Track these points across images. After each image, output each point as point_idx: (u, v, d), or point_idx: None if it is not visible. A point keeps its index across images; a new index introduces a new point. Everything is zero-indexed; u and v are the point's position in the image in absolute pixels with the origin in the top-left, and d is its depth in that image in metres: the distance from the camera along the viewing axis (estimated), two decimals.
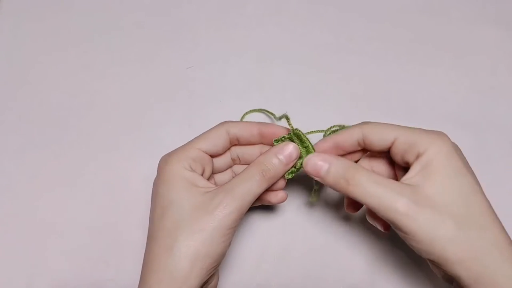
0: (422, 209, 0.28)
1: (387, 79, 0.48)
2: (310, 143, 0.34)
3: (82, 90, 0.47)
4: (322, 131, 0.40)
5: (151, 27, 0.50)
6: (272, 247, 0.41)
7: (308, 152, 0.34)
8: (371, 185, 0.30)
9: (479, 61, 0.48)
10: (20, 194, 0.43)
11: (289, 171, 0.34)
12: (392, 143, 0.32)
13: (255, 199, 0.32)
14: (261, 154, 0.34)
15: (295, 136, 0.34)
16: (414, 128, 0.32)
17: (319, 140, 0.35)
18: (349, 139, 0.33)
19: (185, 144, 0.34)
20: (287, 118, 0.36)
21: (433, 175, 0.29)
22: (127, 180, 0.43)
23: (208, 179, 0.36)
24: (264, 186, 0.32)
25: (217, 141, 0.34)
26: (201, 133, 0.35)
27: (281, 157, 0.33)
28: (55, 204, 0.42)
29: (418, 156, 0.30)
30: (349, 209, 0.37)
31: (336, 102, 0.47)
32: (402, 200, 0.28)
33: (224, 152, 0.36)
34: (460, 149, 0.32)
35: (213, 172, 0.37)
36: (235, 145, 0.37)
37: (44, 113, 0.46)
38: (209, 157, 0.35)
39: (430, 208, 0.28)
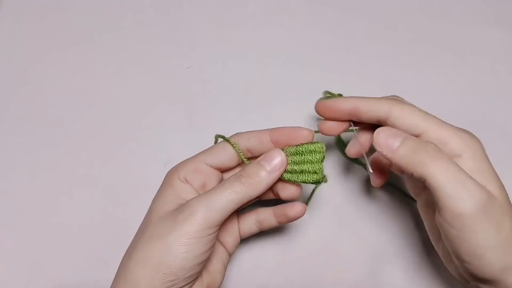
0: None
1: (387, 79, 0.48)
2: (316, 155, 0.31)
3: (82, 90, 0.47)
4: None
5: (151, 27, 0.50)
6: (272, 247, 0.41)
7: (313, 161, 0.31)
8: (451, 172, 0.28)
9: (479, 61, 0.48)
10: (19, 194, 0.43)
11: (313, 179, 0.31)
12: (419, 135, 0.30)
13: (230, 208, 0.29)
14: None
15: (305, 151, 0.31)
16: (443, 123, 0.30)
17: (340, 97, 0.33)
18: (372, 111, 0.31)
19: (192, 156, 0.33)
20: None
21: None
22: (126, 180, 0.43)
23: None
24: (244, 196, 0.29)
25: (223, 155, 0.33)
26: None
27: (265, 164, 0.30)
28: (55, 204, 0.42)
29: (452, 157, 0.29)
30: (375, 183, 0.35)
31: None
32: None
33: (236, 164, 0.34)
34: None
35: None
36: (252, 157, 0.34)
37: (44, 113, 0.46)
38: (216, 171, 0.33)
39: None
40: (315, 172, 0.31)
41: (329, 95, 0.39)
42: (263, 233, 0.41)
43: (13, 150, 0.44)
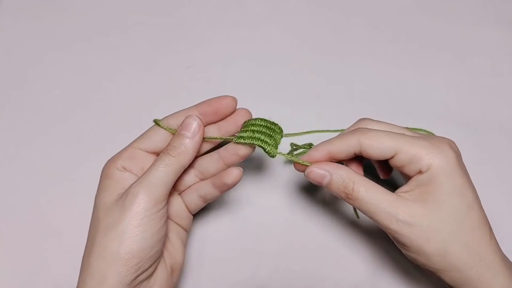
0: (413, 228, 0.30)
1: (387, 79, 0.48)
2: (269, 122, 0.34)
3: (82, 89, 0.47)
4: (297, 134, 0.42)
5: (151, 27, 0.50)
6: (272, 247, 0.41)
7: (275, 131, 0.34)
8: (368, 200, 0.31)
9: (479, 61, 0.48)
10: (19, 193, 0.42)
11: (271, 146, 0.33)
12: (392, 156, 0.31)
13: (170, 181, 0.31)
14: None
15: (254, 126, 0.33)
16: (416, 138, 0.31)
17: (311, 149, 0.34)
18: (344, 150, 0.33)
19: (126, 146, 0.34)
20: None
21: (430, 194, 0.30)
22: None
23: None
24: (175, 166, 0.31)
25: (155, 138, 0.33)
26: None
27: (184, 132, 0.32)
28: (55, 204, 0.42)
29: (419, 172, 0.31)
30: (381, 175, 0.38)
31: (336, 102, 0.46)
32: (396, 218, 0.30)
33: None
34: (461, 157, 0.32)
35: (204, 177, 0.36)
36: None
37: (44, 113, 0.46)
38: (152, 155, 0.34)
39: (420, 227, 0.30)
40: (267, 142, 0.33)
41: (295, 147, 0.40)
42: (263, 233, 0.41)
43: (12, 150, 0.44)
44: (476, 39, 0.49)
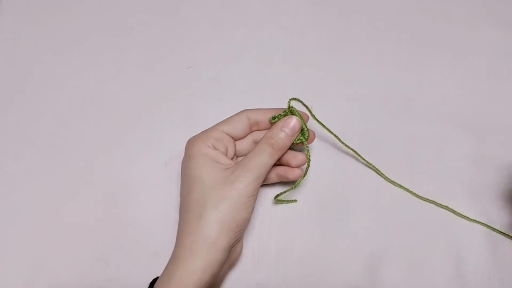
0: None
1: (387, 78, 0.48)
2: (302, 118, 0.38)
3: (82, 90, 0.47)
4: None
5: (151, 28, 0.50)
6: (272, 247, 0.41)
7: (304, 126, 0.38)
8: None
9: (479, 61, 0.48)
10: (19, 193, 0.43)
11: (297, 139, 0.38)
12: None
13: (269, 169, 0.36)
14: (268, 130, 0.37)
15: (290, 113, 0.38)
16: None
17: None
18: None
19: (209, 128, 0.38)
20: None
21: None
22: (126, 180, 0.43)
23: (232, 159, 0.39)
24: (275, 157, 0.36)
25: (237, 124, 0.38)
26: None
27: (286, 129, 0.37)
28: (55, 204, 0.42)
29: None
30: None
31: (336, 102, 0.47)
32: None
33: (245, 135, 0.40)
34: None
35: (237, 155, 0.40)
36: (256, 130, 0.40)
37: (44, 114, 0.46)
38: (231, 138, 0.39)
39: None
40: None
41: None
42: (263, 233, 0.41)
43: (13, 151, 0.44)
44: (476, 39, 0.49)
